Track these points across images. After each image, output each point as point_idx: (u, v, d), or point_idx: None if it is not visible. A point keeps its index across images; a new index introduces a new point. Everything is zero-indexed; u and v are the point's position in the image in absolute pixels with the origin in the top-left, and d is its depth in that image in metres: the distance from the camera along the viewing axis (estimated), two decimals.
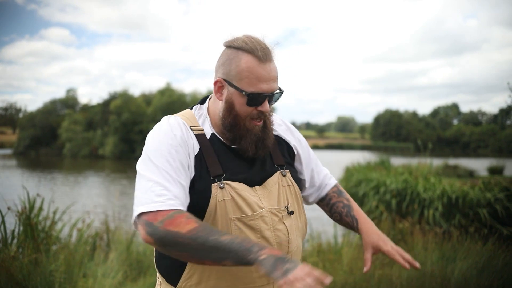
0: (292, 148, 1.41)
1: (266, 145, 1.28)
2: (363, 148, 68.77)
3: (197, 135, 1.26)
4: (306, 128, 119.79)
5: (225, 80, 1.24)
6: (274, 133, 1.36)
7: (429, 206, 7.79)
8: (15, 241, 3.34)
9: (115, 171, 26.02)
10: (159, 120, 1.32)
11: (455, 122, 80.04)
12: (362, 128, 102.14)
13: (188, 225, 1.05)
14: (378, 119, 75.52)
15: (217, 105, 1.29)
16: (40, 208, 3.66)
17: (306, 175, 1.44)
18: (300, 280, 0.92)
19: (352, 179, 11.10)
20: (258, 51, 1.21)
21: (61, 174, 23.45)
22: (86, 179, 20.90)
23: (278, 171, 1.31)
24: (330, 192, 1.51)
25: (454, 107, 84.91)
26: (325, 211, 1.53)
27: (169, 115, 1.31)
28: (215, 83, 1.27)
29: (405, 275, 3.55)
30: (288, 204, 1.28)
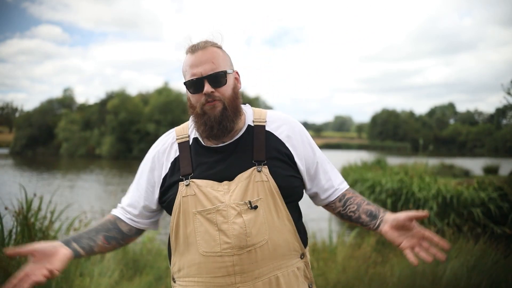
0: (284, 145, 1.41)
1: (224, 126, 1.33)
2: (360, 147, 68.88)
3: (179, 143, 1.43)
4: None
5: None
6: (267, 128, 1.41)
7: (424, 206, 7.85)
8: (12, 241, 3.37)
9: (112, 170, 26.01)
10: (156, 120, 1.44)
11: (451, 121, 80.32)
12: (359, 128, 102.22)
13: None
14: (375, 119, 75.70)
15: None
16: (39, 208, 3.69)
17: (305, 175, 1.44)
18: None
19: (348, 178, 11.18)
20: (191, 47, 1.37)
21: (58, 174, 23.42)
22: (83, 179, 20.89)
23: (254, 167, 1.33)
24: (343, 192, 1.48)
25: (451, 106, 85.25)
26: (336, 210, 1.48)
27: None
28: None
29: (397, 274, 3.61)
30: (256, 199, 1.30)
